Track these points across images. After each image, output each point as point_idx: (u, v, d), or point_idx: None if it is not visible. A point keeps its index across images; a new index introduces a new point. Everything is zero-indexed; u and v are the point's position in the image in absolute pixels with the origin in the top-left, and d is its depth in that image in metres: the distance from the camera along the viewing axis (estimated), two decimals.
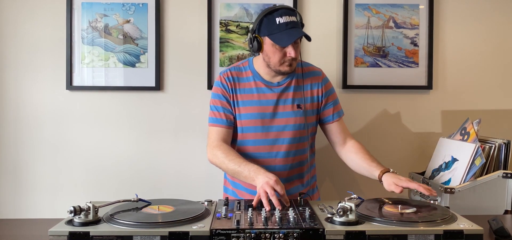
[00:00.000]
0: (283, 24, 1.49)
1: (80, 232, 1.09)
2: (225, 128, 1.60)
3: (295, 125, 1.61)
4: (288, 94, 1.62)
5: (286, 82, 1.62)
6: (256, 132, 1.60)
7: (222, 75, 1.64)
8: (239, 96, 1.61)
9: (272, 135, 1.60)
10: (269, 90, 1.61)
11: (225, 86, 1.61)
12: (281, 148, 1.60)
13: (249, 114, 1.60)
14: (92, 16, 2.10)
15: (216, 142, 1.58)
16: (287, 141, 1.60)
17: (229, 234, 1.09)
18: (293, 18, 1.51)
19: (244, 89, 1.62)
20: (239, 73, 1.64)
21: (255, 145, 1.61)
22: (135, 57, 2.12)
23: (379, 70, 2.15)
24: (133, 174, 2.15)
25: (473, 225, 1.14)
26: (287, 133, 1.60)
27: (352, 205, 1.15)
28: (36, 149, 2.14)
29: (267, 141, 1.60)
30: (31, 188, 2.15)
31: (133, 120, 2.14)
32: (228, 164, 1.51)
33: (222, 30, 2.12)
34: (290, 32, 1.49)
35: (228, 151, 1.54)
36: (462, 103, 2.17)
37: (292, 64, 1.55)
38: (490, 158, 1.70)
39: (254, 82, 1.62)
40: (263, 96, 1.61)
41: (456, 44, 2.17)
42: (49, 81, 2.12)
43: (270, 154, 1.61)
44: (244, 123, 1.61)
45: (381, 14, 2.13)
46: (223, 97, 1.61)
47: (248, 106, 1.61)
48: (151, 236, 1.08)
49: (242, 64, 1.67)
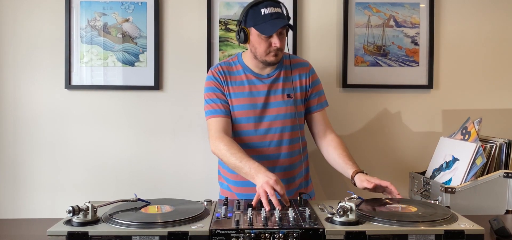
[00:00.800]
0: (268, 15, 1.55)
1: (78, 232, 1.09)
2: (224, 118, 1.63)
3: (287, 114, 1.65)
4: (278, 85, 1.66)
5: (276, 74, 1.67)
6: (249, 122, 1.64)
7: (213, 69, 1.69)
8: (231, 89, 1.65)
9: (264, 124, 1.65)
10: (259, 82, 1.66)
11: (218, 79, 1.66)
12: (274, 137, 1.65)
13: (241, 106, 1.64)
14: (91, 14, 2.10)
15: (217, 133, 1.60)
16: (279, 130, 1.65)
17: (229, 234, 1.09)
18: (278, 9, 1.58)
19: (235, 81, 1.66)
20: (229, 67, 1.69)
21: (248, 136, 1.65)
22: (134, 56, 2.11)
23: (380, 69, 2.14)
24: (132, 174, 2.14)
25: (474, 225, 1.13)
26: (279, 122, 1.65)
27: (352, 205, 1.15)
28: (35, 148, 2.13)
29: (259, 131, 1.65)
30: (30, 188, 2.14)
31: (132, 120, 2.14)
32: (229, 158, 1.52)
33: (222, 29, 2.11)
34: (274, 22, 1.55)
35: (230, 144, 1.55)
36: (463, 102, 2.17)
37: (278, 55, 1.60)
38: (491, 157, 1.70)
39: (245, 75, 1.67)
40: (254, 87, 1.66)
41: (457, 43, 2.16)
42: (48, 80, 2.11)
43: (263, 144, 1.65)
44: (237, 115, 1.65)
45: (381, 12, 2.13)
46: (218, 89, 1.66)
47: (240, 98, 1.65)
48: (150, 236, 1.08)
49: (231, 59, 1.73)
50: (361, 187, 1.50)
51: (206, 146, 2.13)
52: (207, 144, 2.12)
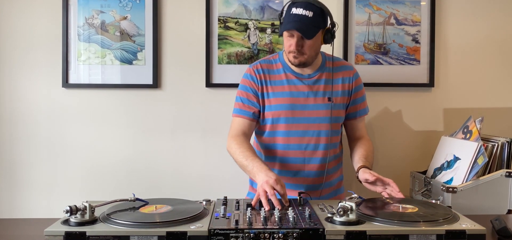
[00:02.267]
0: (293, 15, 1.51)
1: (76, 232, 1.08)
2: (247, 120, 1.61)
3: (326, 118, 1.60)
4: (319, 87, 1.62)
5: (317, 75, 1.63)
6: (287, 123, 1.60)
7: (252, 67, 1.66)
8: (270, 88, 1.62)
9: (302, 126, 1.60)
10: (300, 82, 1.62)
11: (254, 78, 1.63)
12: (311, 140, 1.60)
13: (280, 105, 1.61)
14: (88, 12, 2.08)
15: (235, 132, 1.60)
16: (316, 134, 1.60)
17: (228, 234, 1.08)
18: (306, 12, 1.50)
19: (275, 80, 1.63)
20: (269, 66, 1.65)
21: (285, 136, 1.61)
22: (132, 54, 2.10)
23: (380, 68, 2.13)
24: (130, 173, 2.13)
25: (476, 225, 1.13)
26: (317, 126, 1.60)
27: (352, 205, 1.14)
28: (32, 147, 2.12)
29: (297, 132, 1.60)
30: (27, 187, 2.13)
31: (130, 118, 2.13)
32: (238, 156, 1.52)
33: (221, 27, 2.10)
34: (290, 24, 1.50)
35: (242, 142, 1.55)
36: (465, 101, 2.16)
37: (297, 58, 1.55)
38: (493, 157, 1.70)
39: (284, 74, 1.63)
40: (294, 87, 1.61)
41: (459, 41, 2.15)
42: (45, 78, 2.10)
43: (300, 147, 1.60)
44: (274, 114, 1.61)
45: (382, 10, 2.12)
46: (250, 89, 1.62)
47: (279, 97, 1.61)
48: (148, 236, 1.07)
49: (272, 57, 1.69)
50: (363, 179, 1.48)
51: (204, 145, 2.13)
52: (205, 143, 2.14)
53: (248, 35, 2.10)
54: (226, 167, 1.98)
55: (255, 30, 2.10)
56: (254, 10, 2.10)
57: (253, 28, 2.10)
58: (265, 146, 1.66)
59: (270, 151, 1.64)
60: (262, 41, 2.11)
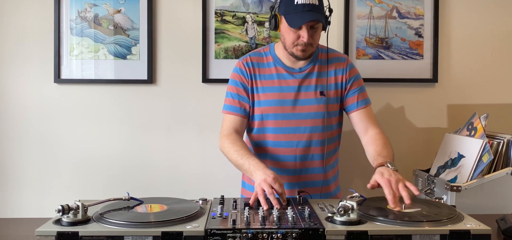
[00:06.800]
0: (300, 6, 1.44)
1: (68, 232, 1.07)
2: (239, 117, 1.58)
3: (318, 113, 1.56)
4: (311, 81, 1.57)
5: (309, 68, 1.58)
6: (277, 120, 1.57)
7: (241, 60, 1.62)
8: (259, 82, 1.58)
9: (293, 123, 1.56)
10: (290, 76, 1.57)
11: (244, 72, 1.59)
12: (303, 138, 1.56)
13: (269, 101, 1.57)
14: (81, 5, 2.07)
15: (227, 130, 1.57)
16: (309, 130, 1.56)
17: (225, 234, 1.06)
18: (313, 0, 1.45)
19: (264, 75, 1.59)
20: (259, 59, 1.62)
21: (275, 134, 1.57)
22: (126, 49, 2.08)
23: (382, 63, 2.11)
24: (124, 171, 2.12)
25: (481, 224, 1.11)
26: (309, 122, 1.56)
27: (353, 204, 1.12)
28: (23, 145, 2.11)
29: (287, 129, 1.56)
30: (17, 186, 2.12)
31: (124, 115, 2.11)
32: (232, 155, 1.49)
33: (218, 21, 2.08)
34: (305, 14, 1.44)
35: (235, 141, 1.52)
36: (469, 97, 2.15)
37: (306, 50, 1.50)
38: (498, 154, 1.69)
39: (275, 68, 1.59)
40: (284, 82, 1.57)
41: (463, 35, 2.14)
42: (37, 74, 2.09)
43: (290, 144, 1.57)
44: (264, 110, 1.57)
45: (384, 3, 2.10)
46: (240, 84, 1.59)
47: (268, 93, 1.57)
48: (143, 236, 1.06)
49: (263, 50, 1.65)
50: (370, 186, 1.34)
51: (201, 142, 2.11)
52: (202, 140, 2.12)
53: (245, 29, 2.08)
54: (223, 164, 1.93)
55: (253, 23, 2.08)
56: (252, 3, 2.08)
57: (251, 21, 2.08)
58: (255, 143, 1.63)
59: (260, 148, 1.61)
60: (260, 35, 2.08)
